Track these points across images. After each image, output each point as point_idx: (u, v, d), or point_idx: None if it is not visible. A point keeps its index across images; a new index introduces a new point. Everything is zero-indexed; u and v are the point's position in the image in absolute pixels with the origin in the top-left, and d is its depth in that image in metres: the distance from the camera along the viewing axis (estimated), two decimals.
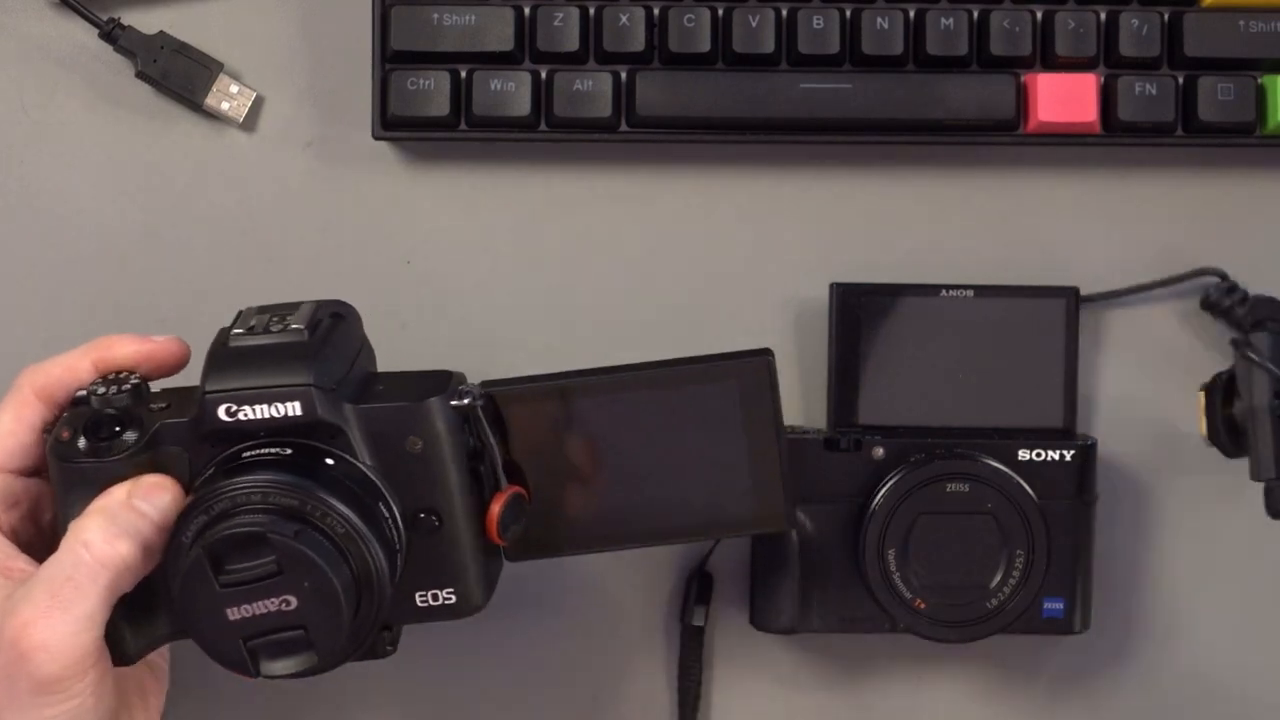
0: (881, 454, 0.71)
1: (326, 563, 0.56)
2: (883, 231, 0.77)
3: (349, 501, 0.57)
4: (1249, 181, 0.77)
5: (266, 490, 0.56)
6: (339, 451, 0.59)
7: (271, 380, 0.58)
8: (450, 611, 0.61)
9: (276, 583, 0.56)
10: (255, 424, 0.58)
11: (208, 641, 0.57)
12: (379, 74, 0.74)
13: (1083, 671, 0.77)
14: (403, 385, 0.61)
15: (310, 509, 0.56)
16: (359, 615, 0.57)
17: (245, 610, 0.56)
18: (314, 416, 0.58)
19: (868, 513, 0.71)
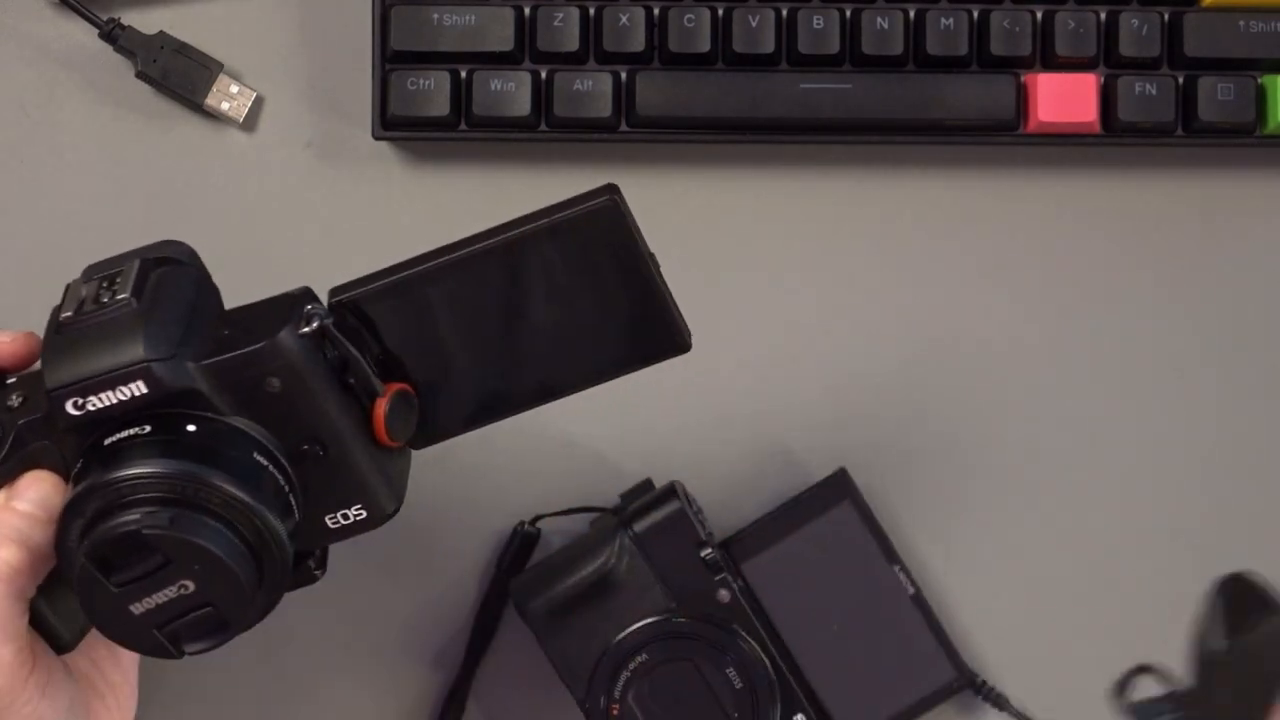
0: (725, 598, 0.70)
1: (210, 541, 0.54)
2: (883, 231, 0.77)
3: (221, 465, 0.55)
4: (1249, 181, 0.77)
5: (135, 483, 0.54)
6: (199, 413, 0.56)
7: (108, 364, 0.56)
8: (365, 524, 0.60)
9: (168, 573, 0.54)
10: (106, 411, 0.56)
11: (122, 639, 0.56)
12: (379, 74, 0.74)
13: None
14: (248, 323, 0.58)
15: (183, 490, 0.55)
16: (264, 575, 0.56)
17: (147, 603, 0.55)
18: (160, 390, 0.56)
19: (661, 614, 0.70)
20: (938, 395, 0.76)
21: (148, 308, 0.57)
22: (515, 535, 0.75)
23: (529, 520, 0.75)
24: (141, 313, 0.57)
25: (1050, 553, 0.76)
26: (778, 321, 0.77)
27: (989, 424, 0.76)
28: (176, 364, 0.56)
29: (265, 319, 0.57)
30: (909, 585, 0.74)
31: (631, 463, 0.75)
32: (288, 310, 0.58)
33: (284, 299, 0.59)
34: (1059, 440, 0.76)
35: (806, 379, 0.76)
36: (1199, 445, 0.77)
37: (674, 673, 0.69)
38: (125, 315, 0.57)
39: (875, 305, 0.76)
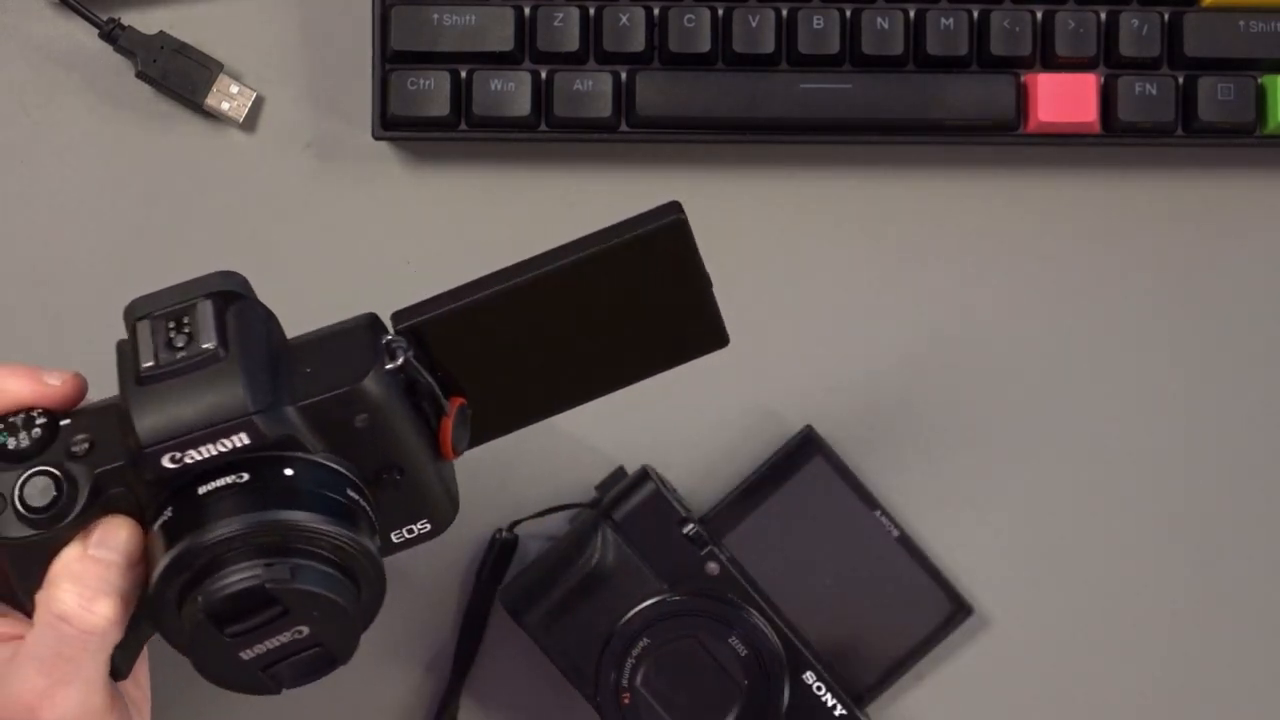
0: (715, 570, 0.71)
1: (328, 589, 0.55)
2: (883, 231, 0.77)
3: (322, 508, 0.56)
4: (1249, 181, 0.77)
5: (245, 534, 0.54)
6: (294, 454, 0.56)
7: (208, 419, 0.55)
8: (428, 536, 0.61)
9: (285, 621, 0.55)
10: (204, 464, 0.55)
11: (227, 683, 0.56)
12: (379, 74, 0.74)
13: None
14: (326, 358, 0.58)
15: (292, 539, 0.55)
16: (364, 606, 0.57)
17: (259, 648, 0.55)
18: (262, 440, 0.55)
19: (656, 597, 0.70)
20: (937, 394, 0.76)
21: (237, 355, 0.56)
22: (493, 544, 0.75)
23: (505, 527, 0.75)
24: (233, 362, 0.56)
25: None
26: (778, 321, 0.77)
27: (989, 423, 0.76)
28: (275, 413, 0.55)
29: (345, 355, 0.57)
30: (892, 528, 0.74)
31: (600, 454, 0.75)
32: (368, 346, 0.57)
33: (356, 330, 0.58)
34: (1058, 439, 0.76)
35: (805, 377, 0.76)
36: (1198, 444, 0.77)
37: (678, 651, 0.70)
38: (218, 367, 0.55)
39: (875, 305, 0.76)
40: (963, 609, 0.74)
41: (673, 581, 0.71)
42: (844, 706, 0.71)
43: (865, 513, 0.74)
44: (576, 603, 0.71)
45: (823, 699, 0.71)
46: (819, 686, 0.71)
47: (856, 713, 0.71)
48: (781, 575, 0.73)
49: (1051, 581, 0.76)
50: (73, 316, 0.76)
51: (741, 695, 0.69)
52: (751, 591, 0.71)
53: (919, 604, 0.75)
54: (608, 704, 0.70)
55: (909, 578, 0.75)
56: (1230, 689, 0.76)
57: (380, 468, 0.58)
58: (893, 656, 0.74)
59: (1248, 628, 0.76)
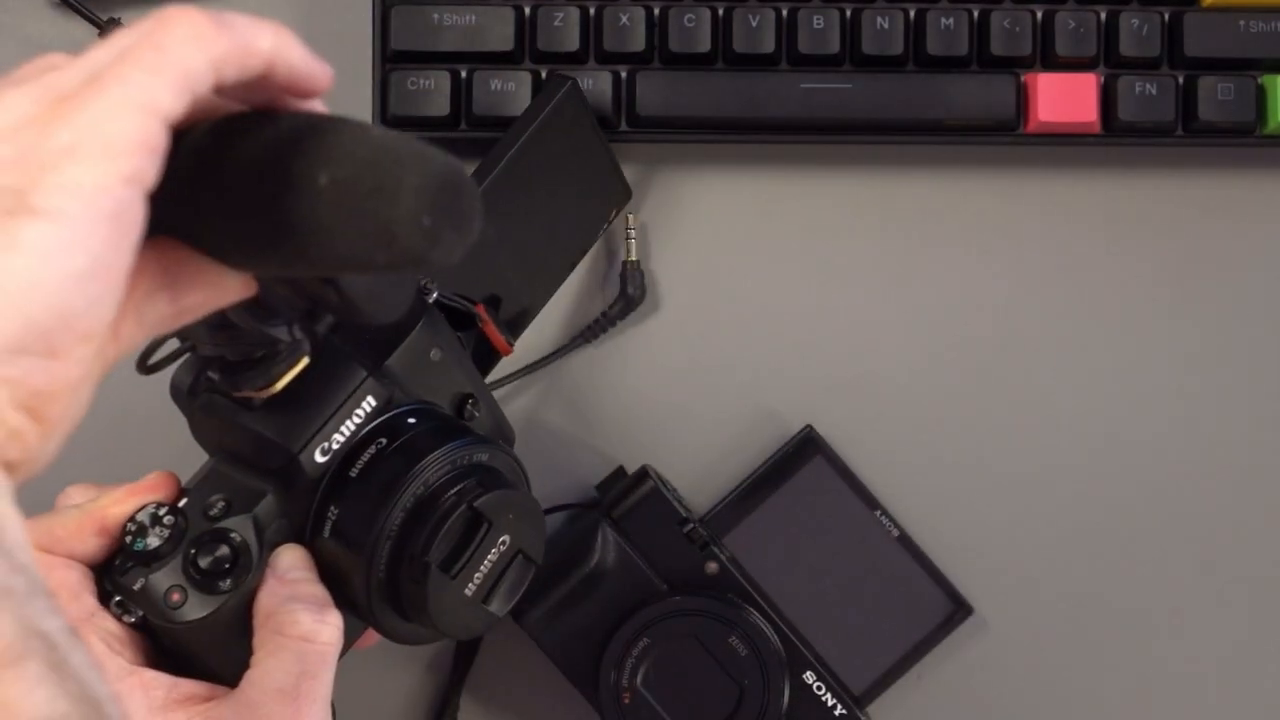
0: (714, 570, 0.71)
1: (515, 483, 0.58)
2: (883, 231, 0.77)
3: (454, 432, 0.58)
4: (1249, 181, 0.77)
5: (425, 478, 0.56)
6: (409, 404, 0.58)
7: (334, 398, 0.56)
8: None
9: (492, 535, 0.56)
10: (347, 443, 0.56)
11: (461, 630, 0.57)
12: (379, 74, 0.74)
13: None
14: (371, 312, 0.56)
15: (459, 460, 0.57)
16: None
17: (478, 577, 0.56)
18: (383, 398, 0.57)
19: (654, 598, 0.70)
20: (937, 394, 0.76)
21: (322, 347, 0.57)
22: None
23: None
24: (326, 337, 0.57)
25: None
26: (778, 321, 0.77)
27: (989, 422, 0.76)
28: (379, 373, 0.58)
29: (389, 300, 0.55)
30: (893, 528, 0.74)
31: (600, 454, 0.75)
32: (409, 290, 0.56)
33: (399, 281, 0.57)
34: (1058, 439, 0.76)
35: (805, 377, 0.76)
36: (1199, 444, 0.77)
37: (679, 651, 0.70)
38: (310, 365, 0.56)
39: (874, 305, 0.76)
40: (963, 609, 0.75)
41: (673, 581, 0.71)
42: (844, 706, 0.71)
43: (865, 513, 0.74)
44: (576, 603, 0.71)
45: (823, 699, 0.71)
46: (819, 686, 0.71)
47: (856, 713, 0.71)
48: (781, 575, 0.73)
49: (1051, 582, 0.76)
50: None
51: (741, 695, 0.69)
52: (751, 591, 0.71)
53: (919, 604, 0.75)
54: (608, 704, 0.70)
55: (909, 578, 0.75)
56: (1230, 689, 0.76)
57: (459, 402, 0.61)
58: (893, 656, 0.74)
59: (1247, 628, 0.76)
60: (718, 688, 0.70)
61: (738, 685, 0.70)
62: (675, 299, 0.77)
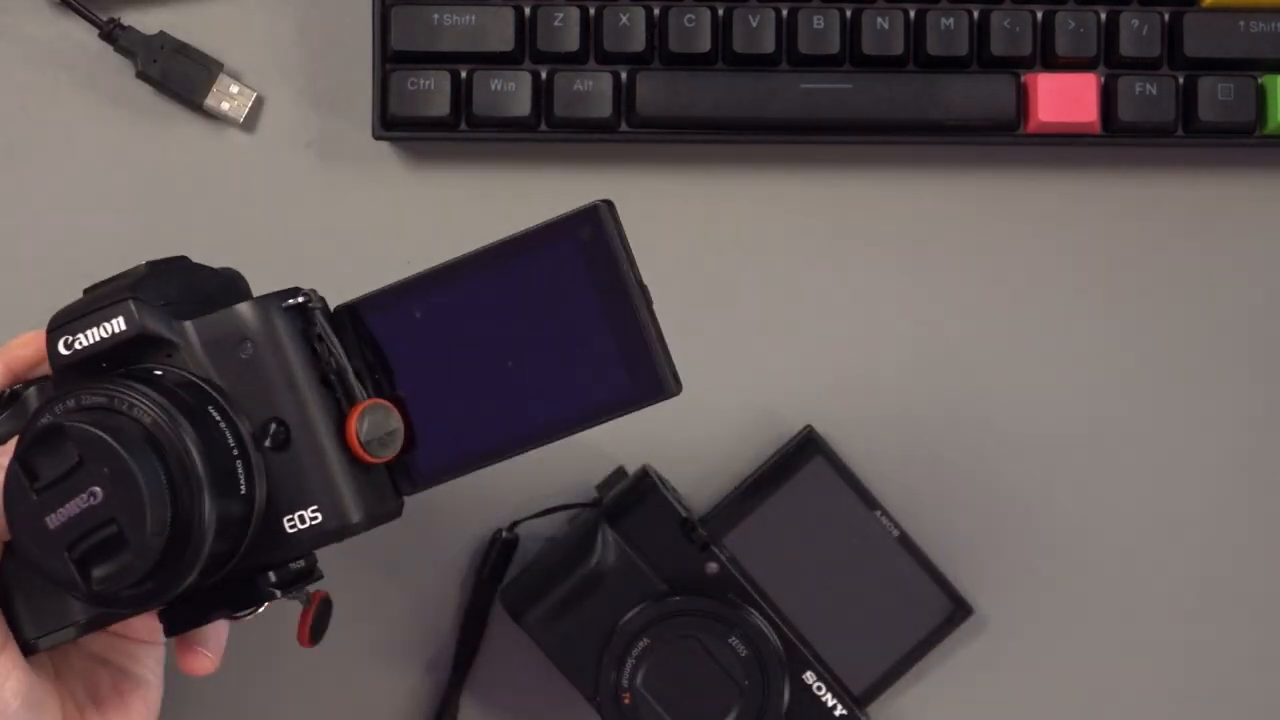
0: (714, 570, 0.71)
1: (122, 445, 0.53)
2: (883, 231, 0.77)
3: (168, 398, 0.55)
4: (1249, 181, 0.77)
5: (79, 394, 0.55)
6: (169, 366, 0.57)
7: (99, 304, 0.57)
8: (323, 533, 0.57)
9: (80, 475, 0.53)
10: (90, 350, 0.57)
11: (35, 557, 0.55)
12: (379, 74, 0.74)
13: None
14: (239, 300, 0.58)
15: (116, 402, 0.54)
16: (178, 514, 0.54)
17: (60, 515, 0.54)
18: (139, 329, 0.56)
19: (654, 598, 0.70)
20: (937, 394, 0.76)
21: (157, 271, 0.58)
22: (494, 543, 0.75)
23: (506, 527, 0.75)
24: (144, 272, 0.58)
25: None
26: (778, 321, 0.77)
27: (989, 422, 0.76)
28: (162, 313, 0.57)
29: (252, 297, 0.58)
30: (893, 528, 0.74)
31: (600, 454, 0.75)
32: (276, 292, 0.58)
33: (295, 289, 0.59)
34: (1058, 439, 0.76)
35: (805, 377, 0.76)
36: (1198, 444, 0.77)
37: (678, 651, 0.70)
38: (132, 272, 0.58)
39: (875, 305, 0.76)
40: (963, 609, 0.75)
41: (673, 581, 0.71)
42: (844, 706, 0.71)
43: (865, 513, 0.74)
44: (576, 603, 0.71)
45: (823, 699, 0.71)
46: (819, 686, 0.71)
47: (856, 713, 0.71)
48: (782, 575, 0.73)
49: (1051, 582, 0.76)
50: None
51: (741, 695, 0.69)
52: (751, 591, 0.71)
53: (919, 604, 0.75)
54: (608, 704, 0.70)
55: (909, 578, 0.75)
56: (1230, 689, 0.77)
57: (268, 418, 0.57)
58: (893, 656, 0.74)
59: (1248, 628, 0.76)
60: (718, 688, 0.70)
61: (738, 685, 0.70)
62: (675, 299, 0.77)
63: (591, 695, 0.70)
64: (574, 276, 0.57)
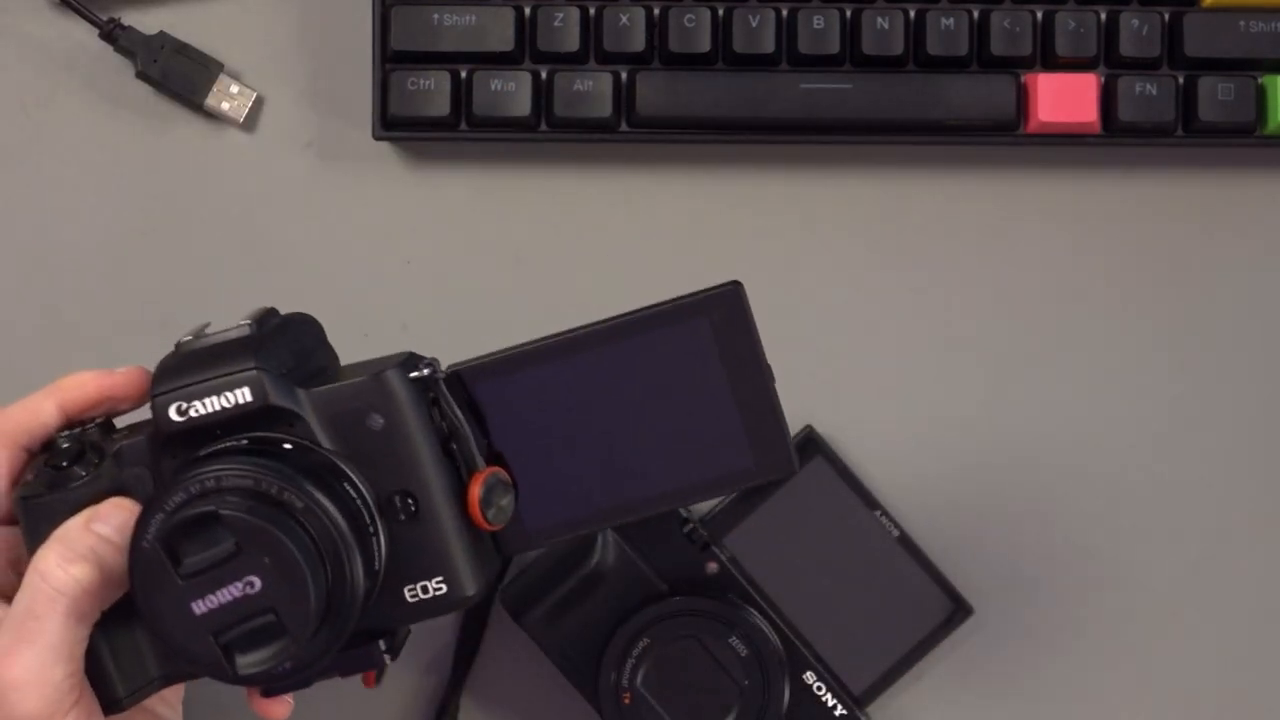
0: (714, 570, 0.71)
1: (284, 533, 0.53)
2: (883, 231, 0.77)
3: (308, 478, 0.55)
4: (1249, 181, 0.77)
5: (220, 474, 0.54)
6: (297, 438, 0.56)
7: (218, 371, 0.55)
8: (443, 603, 0.58)
9: (237, 564, 0.53)
10: (207, 419, 0.55)
11: (178, 643, 0.54)
12: (379, 74, 0.74)
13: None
14: (361, 368, 0.58)
15: (264, 485, 0.54)
16: (331, 597, 0.54)
17: (210, 601, 0.53)
18: (265, 401, 0.55)
19: (654, 598, 0.70)
20: (937, 394, 0.76)
21: (265, 334, 0.57)
22: None
23: None
24: (257, 336, 0.57)
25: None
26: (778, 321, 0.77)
27: (988, 422, 0.76)
28: (285, 382, 0.56)
29: (380, 364, 0.58)
30: (893, 528, 0.74)
31: None
32: (400, 357, 0.58)
33: (403, 354, 0.59)
34: (1058, 438, 0.76)
35: (805, 377, 0.76)
36: (1198, 444, 0.77)
37: (679, 651, 0.70)
38: (242, 337, 0.57)
39: (875, 305, 0.77)
40: (963, 609, 0.75)
41: (673, 581, 0.71)
42: (844, 706, 0.71)
43: (865, 513, 0.74)
44: (576, 603, 0.71)
45: (823, 699, 0.71)
46: (819, 686, 0.71)
47: (856, 713, 0.71)
48: (781, 575, 0.73)
49: (1051, 582, 0.76)
50: (73, 316, 0.76)
51: (741, 695, 0.69)
52: (751, 591, 0.71)
53: (919, 604, 0.75)
54: (608, 704, 0.70)
55: (909, 578, 0.75)
56: (1230, 689, 0.77)
57: (394, 489, 0.57)
58: (893, 656, 0.74)
59: (1248, 628, 0.76)
60: (718, 688, 0.70)
61: (738, 685, 0.70)
62: None
63: (591, 695, 0.70)
64: (706, 354, 0.59)
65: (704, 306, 0.59)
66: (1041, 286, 0.77)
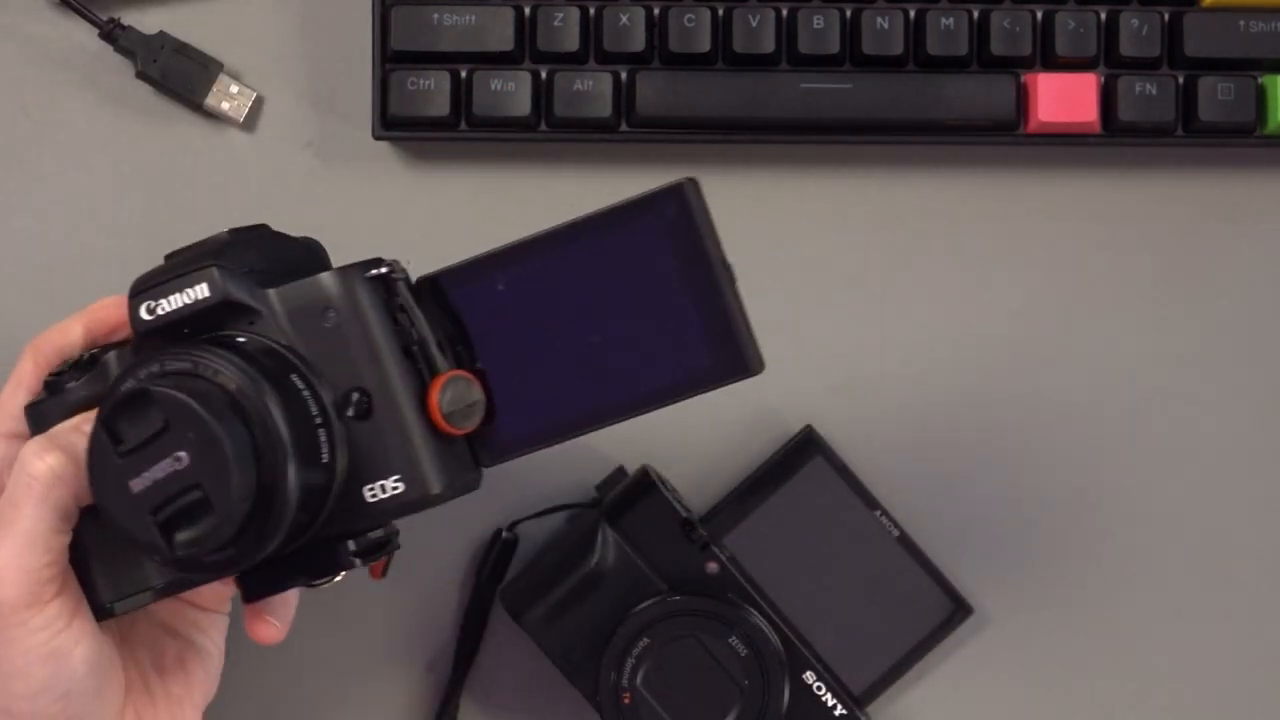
0: (714, 570, 0.71)
1: (207, 410, 0.53)
2: (883, 231, 0.77)
3: (252, 365, 0.55)
4: (1249, 181, 0.77)
5: (162, 359, 0.55)
6: (253, 333, 0.57)
7: (182, 270, 0.57)
8: (403, 502, 0.57)
9: (166, 440, 0.53)
10: (171, 316, 0.57)
11: (121, 523, 0.55)
12: (379, 74, 0.74)
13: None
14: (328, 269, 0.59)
15: (200, 368, 0.55)
16: (262, 475, 0.54)
17: (145, 478, 0.54)
18: (223, 296, 0.56)
19: (656, 597, 0.70)
20: (937, 394, 0.76)
21: (240, 239, 0.58)
22: (494, 543, 0.75)
23: (506, 527, 0.75)
24: (231, 239, 0.58)
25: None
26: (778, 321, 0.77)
27: (988, 422, 0.76)
28: (246, 280, 0.57)
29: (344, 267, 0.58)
30: (893, 528, 0.74)
31: (600, 454, 0.75)
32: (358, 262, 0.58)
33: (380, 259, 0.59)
34: (1058, 438, 0.76)
35: (805, 377, 0.76)
36: (1199, 443, 0.77)
37: (679, 651, 0.70)
38: (214, 239, 0.58)
39: (875, 305, 0.77)
40: (963, 609, 0.75)
41: (673, 581, 0.71)
42: (844, 706, 0.71)
43: (865, 513, 0.74)
44: (576, 603, 0.71)
45: (823, 699, 0.71)
46: (819, 686, 0.71)
47: (856, 713, 0.71)
48: (781, 575, 0.73)
49: (1051, 582, 0.76)
50: None
51: (741, 695, 0.69)
52: (751, 591, 0.71)
53: (919, 604, 0.75)
54: (608, 704, 0.70)
55: (909, 578, 0.75)
56: (1230, 689, 0.77)
57: (350, 386, 0.57)
58: (893, 656, 0.74)
59: (1248, 628, 0.77)
60: (718, 688, 0.70)
61: (738, 685, 0.70)
62: None
63: (591, 695, 0.70)
64: (658, 254, 0.57)
65: (653, 204, 0.57)
66: (1041, 286, 0.77)
